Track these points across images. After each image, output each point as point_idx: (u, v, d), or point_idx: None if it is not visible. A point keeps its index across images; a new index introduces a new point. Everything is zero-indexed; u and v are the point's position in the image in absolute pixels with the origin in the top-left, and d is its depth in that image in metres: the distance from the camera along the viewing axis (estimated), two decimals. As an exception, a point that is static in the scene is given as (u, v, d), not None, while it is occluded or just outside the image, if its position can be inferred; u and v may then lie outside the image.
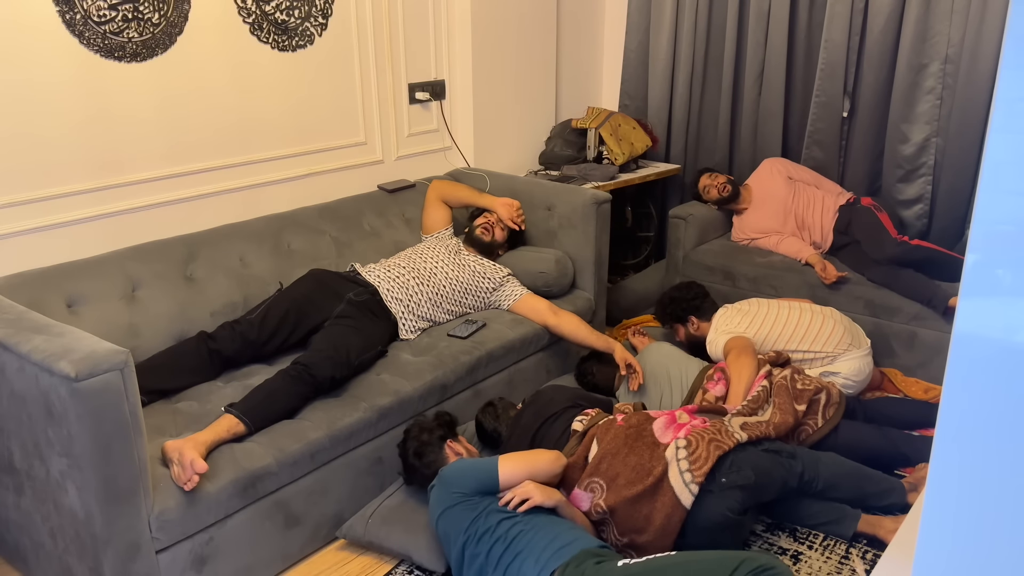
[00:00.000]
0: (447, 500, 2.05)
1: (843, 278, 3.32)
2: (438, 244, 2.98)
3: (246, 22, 2.78)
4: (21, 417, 1.85)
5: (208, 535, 2.00)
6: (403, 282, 2.76)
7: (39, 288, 2.27)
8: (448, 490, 2.06)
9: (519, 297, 2.96)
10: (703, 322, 3.10)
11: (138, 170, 2.60)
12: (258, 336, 2.47)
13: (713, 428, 2.27)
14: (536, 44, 3.84)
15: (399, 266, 2.82)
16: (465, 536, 1.98)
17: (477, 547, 1.95)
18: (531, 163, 3.99)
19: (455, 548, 2.00)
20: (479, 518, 1.98)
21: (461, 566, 1.99)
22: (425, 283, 2.79)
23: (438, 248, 2.95)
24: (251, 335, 2.46)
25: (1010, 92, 0.72)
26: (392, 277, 2.76)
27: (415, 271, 2.81)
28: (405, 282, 2.77)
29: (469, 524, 1.98)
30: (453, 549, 2.01)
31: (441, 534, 2.06)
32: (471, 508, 2.01)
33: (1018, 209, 0.74)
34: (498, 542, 1.93)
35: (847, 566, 2.21)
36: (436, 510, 2.07)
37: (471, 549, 1.96)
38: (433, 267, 2.85)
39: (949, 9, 3.34)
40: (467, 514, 2.00)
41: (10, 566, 2.19)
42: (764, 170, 3.79)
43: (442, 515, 2.04)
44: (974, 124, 3.36)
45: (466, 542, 1.97)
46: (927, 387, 3.10)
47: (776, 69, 3.83)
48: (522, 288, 2.99)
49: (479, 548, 1.95)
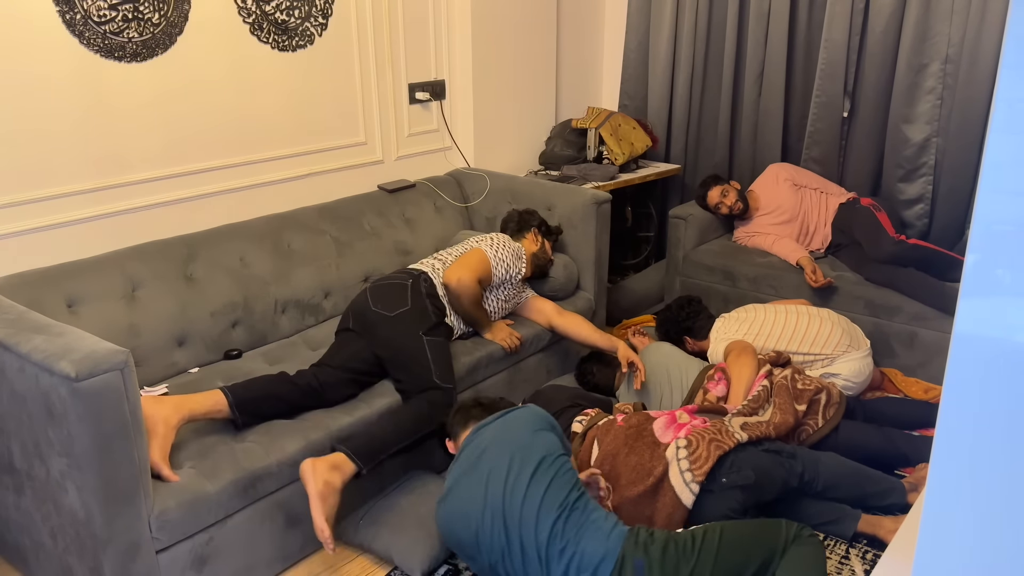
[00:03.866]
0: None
1: (831, 284, 3.31)
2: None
3: (246, 22, 2.78)
4: (21, 417, 1.85)
5: (208, 535, 2.00)
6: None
7: (39, 288, 2.27)
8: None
9: (526, 298, 2.96)
10: (699, 341, 3.10)
11: (138, 170, 2.60)
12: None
13: (713, 428, 2.27)
14: (536, 44, 3.84)
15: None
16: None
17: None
18: (531, 163, 3.99)
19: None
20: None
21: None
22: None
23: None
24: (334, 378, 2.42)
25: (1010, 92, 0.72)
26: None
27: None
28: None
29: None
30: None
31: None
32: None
33: (1018, 209, 0.74)
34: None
35: (847, 566, 2.21)
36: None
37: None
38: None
39: (949, 9, 3.34)
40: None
41: (10, 566, 2.19)
42: (769, 177, 3.78)
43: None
44: (974, 124, 3.36)
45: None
46: (927, 387, 3.10)
47: (776, 69, 3.83)
48: (529, 290, 3.00)
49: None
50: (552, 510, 1.84)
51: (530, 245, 2.97)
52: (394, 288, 2.56)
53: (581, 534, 1.83)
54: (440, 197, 3.39)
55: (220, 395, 2.14)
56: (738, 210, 3.71)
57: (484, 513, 1.88)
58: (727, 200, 3.71)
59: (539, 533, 1.83)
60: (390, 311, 2.49)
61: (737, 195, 3.72)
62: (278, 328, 2.75)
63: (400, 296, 2.53)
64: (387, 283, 2.60)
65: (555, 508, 1.84)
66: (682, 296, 3.24)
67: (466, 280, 2.62)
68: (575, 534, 1.83)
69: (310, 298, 2.84)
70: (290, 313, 2.79)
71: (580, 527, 1.84)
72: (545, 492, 1.86)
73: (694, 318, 3.14)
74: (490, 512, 1.87)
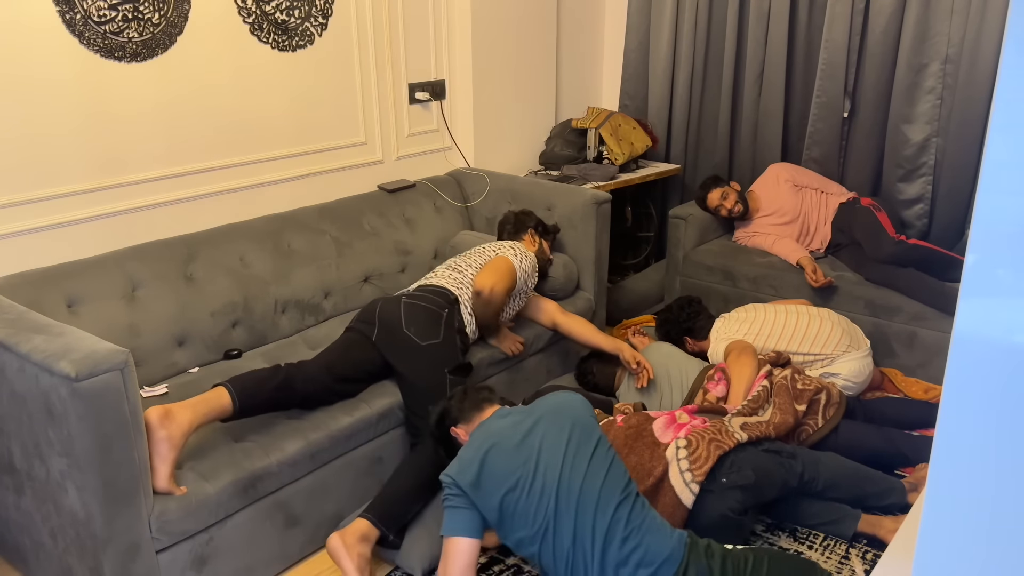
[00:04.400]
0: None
1: (831, 284, 3.31)
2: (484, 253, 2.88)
3: (246, 22, 2.78)
4: (21, 417, 1.85)
5: (208, 535, 2.00)
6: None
7: (39, 288, 2.27)
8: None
9: (528, 299, 2.93)
10: (699, 341, 3.10)
11: (138, 170, 2.60)
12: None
13: (713, 428, 2.27)
14: (536, 44, 3.84)
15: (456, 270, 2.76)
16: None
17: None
18: (531, 163, 3.99)
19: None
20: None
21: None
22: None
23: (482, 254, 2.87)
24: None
25: (1010, 92, 0.72)
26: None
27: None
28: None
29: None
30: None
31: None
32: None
33: (1018, 209, 0.74)
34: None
35: (847, 566, 2.21)
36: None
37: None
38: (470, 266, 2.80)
39: (949, 9, 3.34)
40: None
41: (10, 566, 2.19)
42: (770, 178, 3.77)
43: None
44: (974, 124, 3.36)
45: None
46: (927, 387, 3.10)
47: (776, 69, 3.83)
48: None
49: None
50: (615, 494, 1.79)
51: (528, 247, 2.97)
52: (430, 316, 2.49)
53: (645, 527, 1.78)
54: (440, 197, 3.39)
55: (227, 402, 2.08)
56: (738, 212, 3.71)
57: (533, 482, 1.79)
58: (727, 202, 3.71)
59: (599, 515, 1.77)
60: (421, 339, 2.43)
61: (737, 197, 3.71)
62: (278, 328, 2.75)
63: (434, 326, 2.47)
64: (423, 305, 2.51)
65: (618, 493, 1.79)
66: (682, 296, 3.25)
67: (499, 290, 2.61)
68: (639, 525, 1.78)
69: (310, 298, 2.84)
70: (290, 313, 2.79)
71: (643, 520, 1.79)
72: (607, 474, 1.81)
73: (694, 318, 3.14)
74: (541, 482, 1.79)
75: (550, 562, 1.81)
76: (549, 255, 3.07)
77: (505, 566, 2.26)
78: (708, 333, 3.04)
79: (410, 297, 2.54)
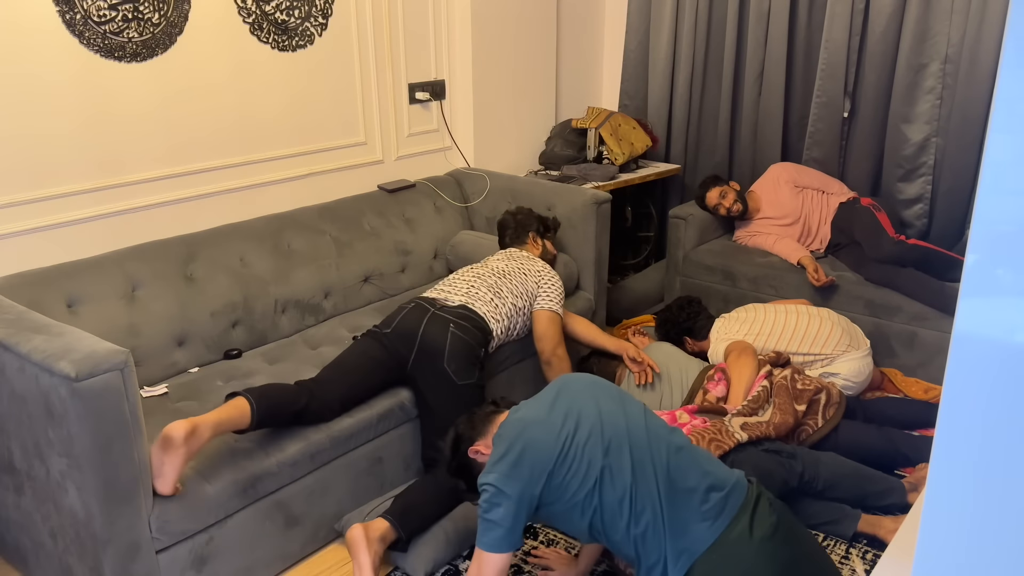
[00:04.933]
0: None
1: (833, 283, 3.31)
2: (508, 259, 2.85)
3: (246, 22, 2.78)
4: (21, 417, 1.85)
5: (208, 535, 2.00)
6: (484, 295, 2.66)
7: (39, 288, 2.27)
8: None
9: (540, 308, 2.78)
10: (699, 341, 3.10)
11: (138, 170, 2.60)
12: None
13: (713, 428, 2.27)
14: (536, 44, 3.84)
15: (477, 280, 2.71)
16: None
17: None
18: (531, 163, 3.99)
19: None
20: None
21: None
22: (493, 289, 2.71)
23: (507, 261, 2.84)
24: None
25: (1010, 92, 0.72)
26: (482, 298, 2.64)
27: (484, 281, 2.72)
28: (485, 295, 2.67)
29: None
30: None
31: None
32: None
33: (1018, 209, 0.74)
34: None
35: (847, 566, 2.21)
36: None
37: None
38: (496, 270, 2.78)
39: (949, 9, 3.34)
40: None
41: (10, 566, 2.19)
42: (770, 179, 3.77)
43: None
44: (974, 124, 3.36)
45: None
46: (927, 387, 3.10)
47: (776, 69, 3.83)
48: (549, 303, 2.76)
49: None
50: (662, 427, 1.81)
51: (532, 250, 2.96)
52: (470, 354, 2.43)
53: (703, 457, 1.81)
54: (440, 197, 3.39)
55: (247, 420, 2.05)
56: (736, 211, 3.71)
57: (576, 434, 1.75)
58: (726, 201, 3.71)
59: (654, 443, 1.76)
60: (459, 378, 2.38)
61: (736, 196, 3.71)
62: (278, 328, 2.75)
63: (472, 367, 2.43)
64: (466, 340, 2.43)
65: (664, 426, 1.82)
66: (682, 296, 3.25)
67: (561, 351, 2.71)
68: (698, 454, 1.81)
69: (310, 298, 2.84)
70: (290, 313, 2.79)
71: (698, 451, 1.82)
72: (645, 412, 1.83)
73: (694, 319, 3.14)
74: (587, 431, 1.75)
75: (614, 512, 1.72)
76: (553, 252, 3.07)
77: (505, 566, 2.25)
78: (708, 333, 3.04)
79: (456, 326, 2.44)
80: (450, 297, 2.58)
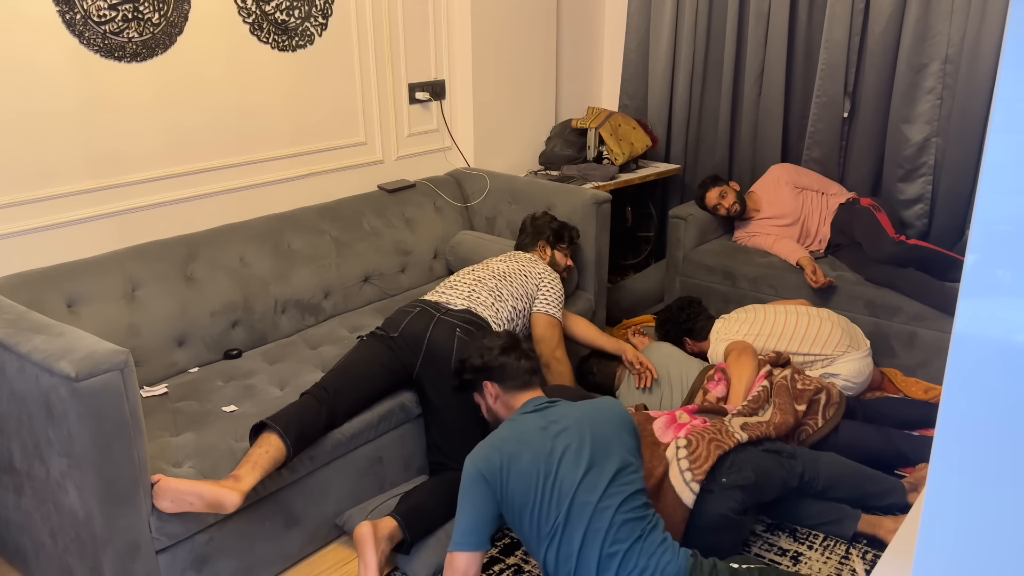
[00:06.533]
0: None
1: (831, 284, 3.31)
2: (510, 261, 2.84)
3: (246, 22, 2.78)
4: (21, 417, 1.85)
5: (208, 535, 2.00)
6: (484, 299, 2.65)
7: (39, 288, 2.27)
8: None
9: (538, 311, 2.78)
10: (699, 342, 3.10)
11: (138, 170, 2.60)
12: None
13: (713, 428, 2.27)
14: (536, 44, 3.84)
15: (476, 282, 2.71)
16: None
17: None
18: (531, 163, 3.99)
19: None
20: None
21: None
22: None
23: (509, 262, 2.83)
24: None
25: (1010, 92, 0.72)
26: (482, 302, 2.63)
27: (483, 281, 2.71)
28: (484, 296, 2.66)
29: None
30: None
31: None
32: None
33: (1018, 209, 0.74)
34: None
35: (847, 566, 2.21)
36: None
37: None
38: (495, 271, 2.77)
39: (949, 9, 3.34)
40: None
41: (10, 566, 2.19)
42: (770, 180, 3.77)
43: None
44: (974, 124, 3.36)
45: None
46: (927, 387, 3.10)
47: (776, 69, 3.83)
48: (547, 307, 2.76)
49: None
50: (624, 541, 1.78)
51: (540, 257, 2.94)
52: None
53: (651, 556, 1.78)
54: (440, 197, 3.39)
55: (282, 450, 2.04)
56: (736, 212, 3.71)
57: (551, 489, 1.80)
58: (725, 201, 3.71)
59: (610, 531, 1.77)
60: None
61: (736, 196, 3.71)
62: (278, 328, 2.75)
63: None
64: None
65: (628, 540, 1.78)
66: (682, 297, 3.25)
67: (560, 353, 2.69)
68: (645, 544, 1.78)
69: (310, 298, 2.84)
70: (290, 313, 2.79)
71: (651, 555, 1.78)
72: (616, 510, 1.79)
73: (694, 319, 3.14)
74: (557, 492, 1.80)
75: (552, 566, 1.81)
76: (564, 264, 2.99)
77: (505, 565, 2.26)
78: (708, 334, 3.04)
79: (462, 330, 2.44)
80: (453, 300, 2.58)
